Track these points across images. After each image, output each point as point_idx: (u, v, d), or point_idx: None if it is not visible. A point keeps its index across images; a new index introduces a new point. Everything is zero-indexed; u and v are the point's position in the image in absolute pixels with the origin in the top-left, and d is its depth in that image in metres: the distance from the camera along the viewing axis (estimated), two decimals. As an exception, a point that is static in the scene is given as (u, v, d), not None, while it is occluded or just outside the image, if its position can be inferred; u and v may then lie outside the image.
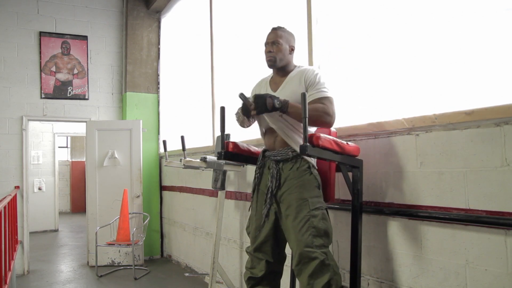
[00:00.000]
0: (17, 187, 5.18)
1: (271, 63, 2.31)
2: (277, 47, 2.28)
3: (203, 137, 4.68)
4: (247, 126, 2.48)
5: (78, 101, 5.66)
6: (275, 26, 2.37)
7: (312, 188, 2.15)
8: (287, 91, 2.25)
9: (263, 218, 2.27)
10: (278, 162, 2.25)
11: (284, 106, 2.08)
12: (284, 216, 2.18)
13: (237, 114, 2.41)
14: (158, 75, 6.03)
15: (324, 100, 2.17)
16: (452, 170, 1.96)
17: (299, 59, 3.03)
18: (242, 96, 2.14)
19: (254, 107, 2.04)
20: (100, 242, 4.97)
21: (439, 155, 2.02)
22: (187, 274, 4.44)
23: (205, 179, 4.42)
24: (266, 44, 2.33)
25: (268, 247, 2.29)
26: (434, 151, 2.04)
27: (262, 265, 2.30)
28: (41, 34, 5.48)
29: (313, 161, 2.23)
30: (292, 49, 2.35)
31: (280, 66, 2.32)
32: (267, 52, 2.31)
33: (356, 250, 2.23)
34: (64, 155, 11.48)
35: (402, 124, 2.18)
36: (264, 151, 2.39)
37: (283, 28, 2.36)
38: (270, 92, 2.33)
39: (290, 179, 2.19)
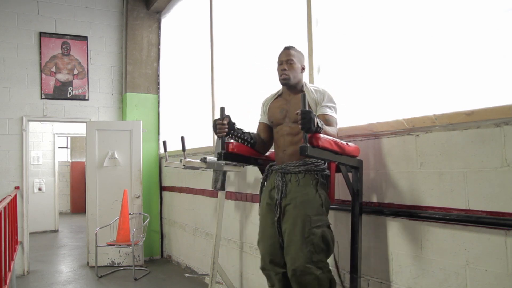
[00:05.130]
0: (17, 188, 5.18)
1: (286, 81, 2.36)
2: (290, 65, 2.35)
3: (203, 138, 4.68)
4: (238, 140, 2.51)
5: (78, 101, 5.66)
6: (287, 45, 2.43)
7: (315, 206, 2.18)
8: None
9: (275, 227, 2.28)
10: (285, 174, 2.27)
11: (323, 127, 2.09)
12: (287, 230, 2.21)
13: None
14: (158, 75, 6.03)
15: (333, 122, 2.29)
16: (452, 170, 1.95)
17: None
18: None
19: (301, 122, 1.91)
20: (100, 242, 4.97)
21: (439, 156, 2.02)
22: (187, 275, 4.44)
23: (205, 179, 4.42)
24: (280, 62, 2.38)
25: (280, 257, 2.29)
26: (434, 151, 2.04)
27: (279, 279, 2.30)
28: (41, 34, 5.48)
29: (322, 177, 2.25)
30: (303, 68, 2.43)
31: (292, 84, 2.38)
32: (282, 70, 2.36)
33: (356, 251, 2.23)
34: (64, 156, 11.47)
35: (402, 125, 2.18)
36: (271, 165, 2.43)
37: (295, 47, 2.43)
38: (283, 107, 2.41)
39: (295, 191, 2.22)
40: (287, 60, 2.36)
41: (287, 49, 2.41)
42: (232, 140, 2.49)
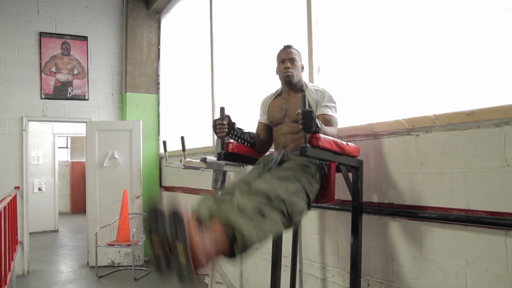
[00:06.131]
0: (17, 188, 5.18)
1: (290, 78, 2.33)
2: (293, 63, 2.34)
3: (203, 138, 4.68)
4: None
5: (78, 101, 5.66)
6: (286, 44, 2.41)
7: (310, 170, 2.03)
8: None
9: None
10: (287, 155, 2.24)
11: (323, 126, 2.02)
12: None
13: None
14: (158, 75, 6.03)
15: (333, 122, 2.26)
16: (452, 170, 1.95)
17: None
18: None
19: (302, 122, 1.85)
20: (100, 242, 4.97)
21: (439, 156, 2.02)
22: (187, 275, 4.43)
23: (205, 179, 4.42)
24: (282, 61, 2.36)
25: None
26: (434, 151, 2.04)
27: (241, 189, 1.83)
28: (41, 34, 5.48)
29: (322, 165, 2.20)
30: (302, 67, 2.42)
31: (295, 83, 2.36)
32: (285, 68, 2.33)
33: (356, 251, 2.22)
34: (64, 156, 11.46)
35: (402, 125, 2.18)
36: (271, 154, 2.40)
37: (293, 46, 2.41)
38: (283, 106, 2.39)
39: (294, 158, 2.14)
40: (290, 59, 2.34)
41: (288, 47, 2.39)
42: (232, 140, 2.48)
